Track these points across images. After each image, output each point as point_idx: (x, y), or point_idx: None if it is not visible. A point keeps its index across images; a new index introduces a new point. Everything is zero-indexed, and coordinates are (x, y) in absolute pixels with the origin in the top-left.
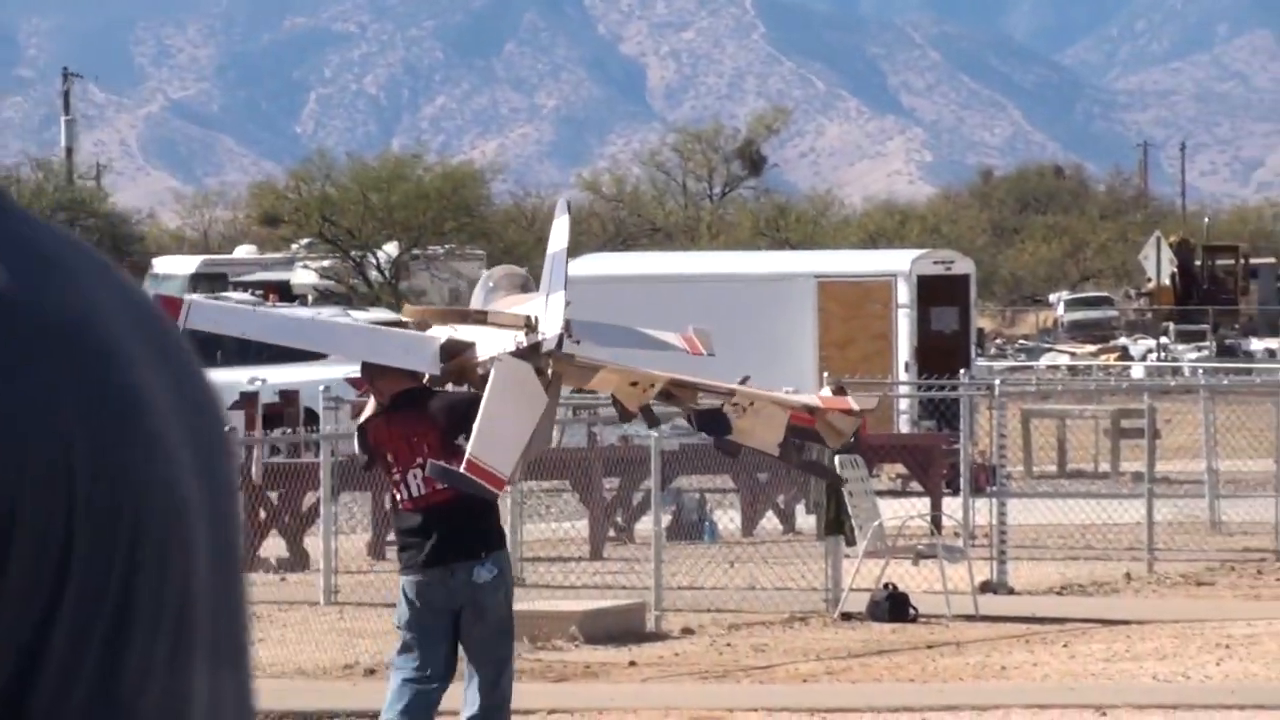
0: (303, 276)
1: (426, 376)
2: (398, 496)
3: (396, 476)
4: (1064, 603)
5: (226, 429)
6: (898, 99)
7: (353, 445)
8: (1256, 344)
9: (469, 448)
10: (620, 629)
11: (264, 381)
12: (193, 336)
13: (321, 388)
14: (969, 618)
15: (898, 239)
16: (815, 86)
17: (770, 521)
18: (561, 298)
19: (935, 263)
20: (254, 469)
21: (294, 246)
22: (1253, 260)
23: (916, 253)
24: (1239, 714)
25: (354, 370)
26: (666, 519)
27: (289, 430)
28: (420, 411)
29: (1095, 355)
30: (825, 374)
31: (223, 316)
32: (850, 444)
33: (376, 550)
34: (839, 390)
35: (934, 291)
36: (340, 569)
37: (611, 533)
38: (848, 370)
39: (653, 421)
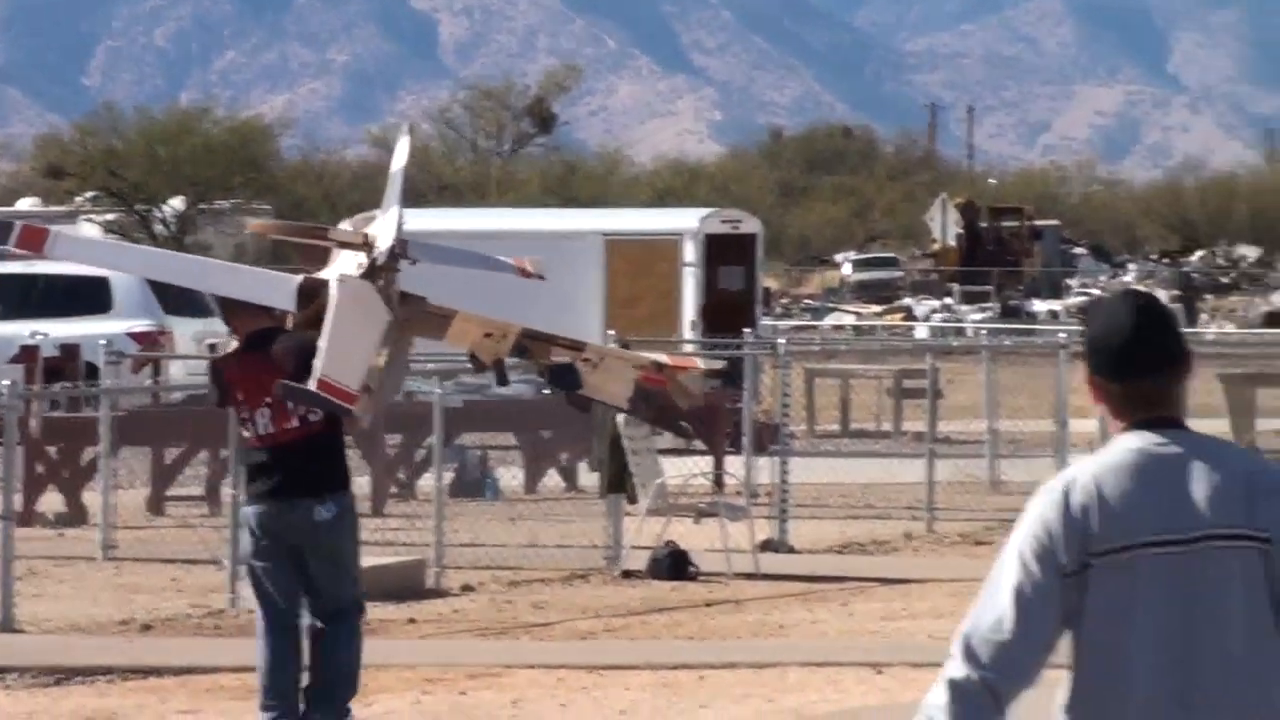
0: (87, 230)
1: (289, 320)
2: (245, 433)
3: (245, 414)
4: (844, 561)
5: None
6: (689, 58)
7: (133, 400)
8: (1039, 305)
9: (317, 367)
10: (400, 586)
11: (45, 335)
12: None
13: (102, 342)
14: (749, 576)
15: (686, 198)
16: (607, 45)
17: (552, 479)
18: (396, 214)
19: (723, 222)
20: (33, 423)
21: (78, 200)
22: (1037, 222)
23: (704, 212)
24: None
25: (135, 325)
26: (448, 476)
27: (69, 384)
28: (271, 351)
29: (880, 315)
30: (611, 332)
31: (86, 250)
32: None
33: (155, 506)
34: (624, 346)
35: (721, 250)
36: (118, 524)
37: (393, 489)
38: (634, 329)
39: (504, 379)
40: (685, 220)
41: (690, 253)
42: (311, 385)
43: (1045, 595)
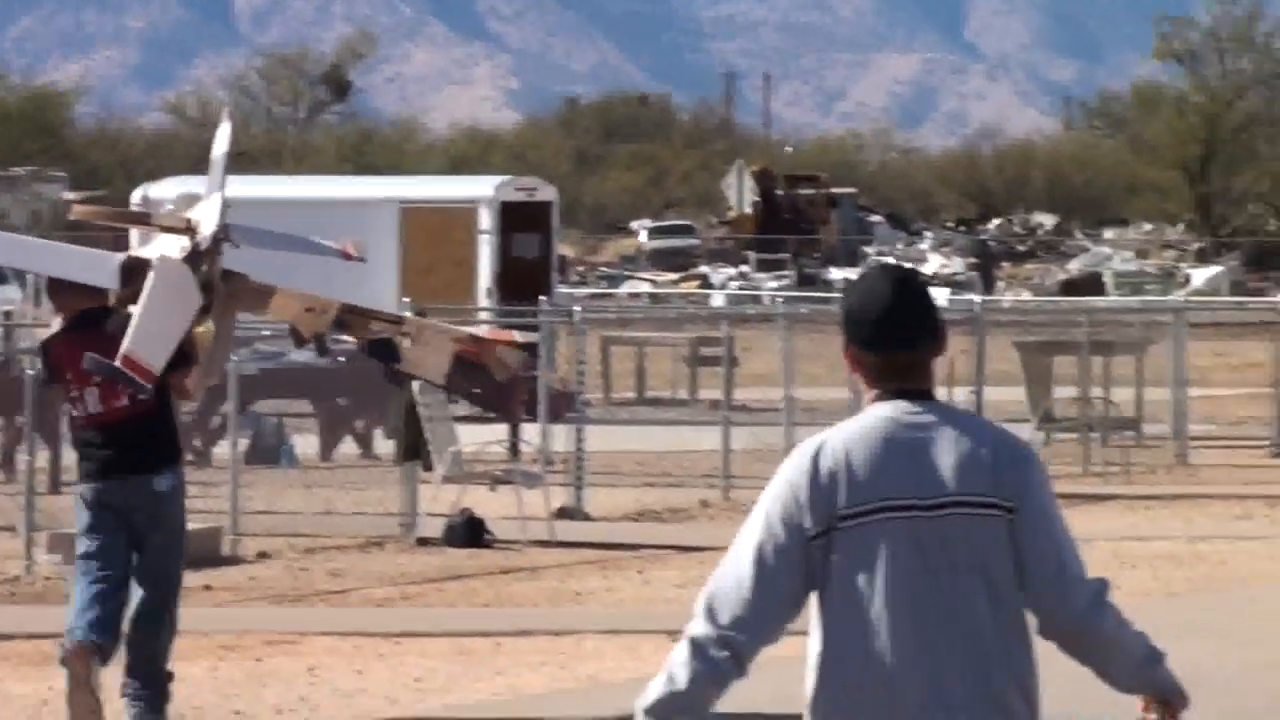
0: None
1: (112, 297)
2: (75, 412)
3: (75, 393)
4: (640, 529)
5: None
6: (485, 25)
7: None
8: (836, 273)
9: (124, 342)
10: (196, 553)
11: None
12: None
13: None
14: (545, 543)
15: (482, 166)
16: (402, 12)
17: (348, 446)
18: (219, 200)
19: (518, 190)
20: None
21: None
22: (834, 190)
23: (499, 179)
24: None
25: None
26: (244, 443)
27: None
28: (99, 331)
29: (676, 283)
30: (407, 300)
31: None
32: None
33: None
34: (420, 314)
35: (517, 218)
36: None
37: (189, 456)
38: (429, 296)
39: (324, 350)
40: (481, 188)
41: (486, 220)
42: (117, 361)
43: (787, 557)
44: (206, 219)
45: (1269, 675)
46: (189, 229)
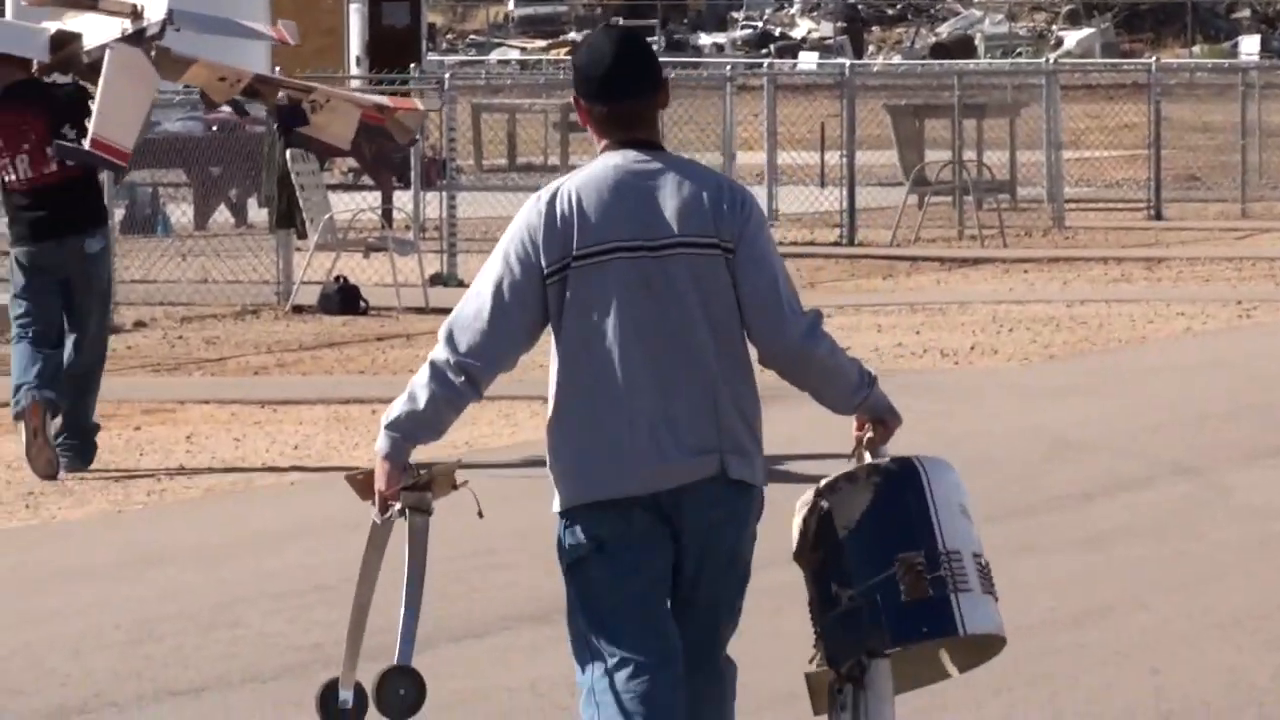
0: None
1: (35, 65)
2: (7, 178)
3: (5, 160)
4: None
5: None
6: None
7: None
8: (705, 39)
9: (91, 127)
10: None
11: None
12: None
13: None
14: (419, 310)
15: None
16: None
17: (223, 215)
18: None
19: None
20: None
21: None
22: None
23: None
24: None
25: None
26: (120, 213)
27: None
28: (28, 101)
29: (546, 50)
30: (278, 69)
31: None
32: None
33: None
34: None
35: None
36: None
37: None
38: (300, 65)
39: (241, 112)
40: None
41: None
42: (86, 144)
43: (522, 292)
44: (154, 5)
45: (1149, 437)
46: (135, 13)
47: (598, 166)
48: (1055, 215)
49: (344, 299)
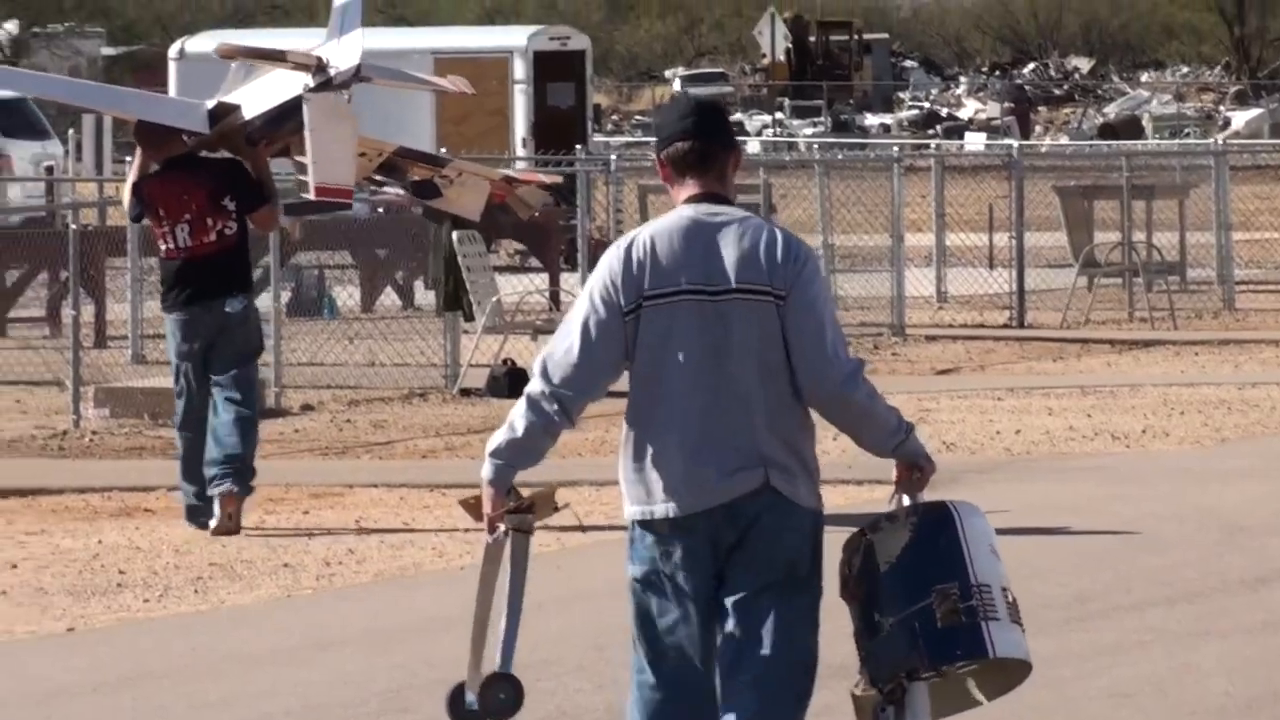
0: None
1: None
2: (164, 246)
3: (165, 229)
4: None
5: None
6: None
7: None
8: (871, 119)
9: (311, 178)
10: None
11: None
12: None
13: None
14: None
15: (514, 16)
16: None
17: (389, 298)
18: (359, 36)
19: (551, 39)
20: None
21: None
22: (866, 36)
23: (532, 29)
24: (855, 488)
25: None
26: (286, 295)
27: None
28: (189, 174)
29: None
30: (444, 150)
31: (22, 80)
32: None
33: None
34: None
35: (550, 68)
36: None
37: None
38: (465, 146)
39: (377, 188)
40: (514, 38)
41: (520, 70)
42: (311, 195)
43: (606, 328)
44: (344, 55)
45: None
46: (320, 66)
47: (672, 217)
48: (1226, 297)
49: (512, 382)
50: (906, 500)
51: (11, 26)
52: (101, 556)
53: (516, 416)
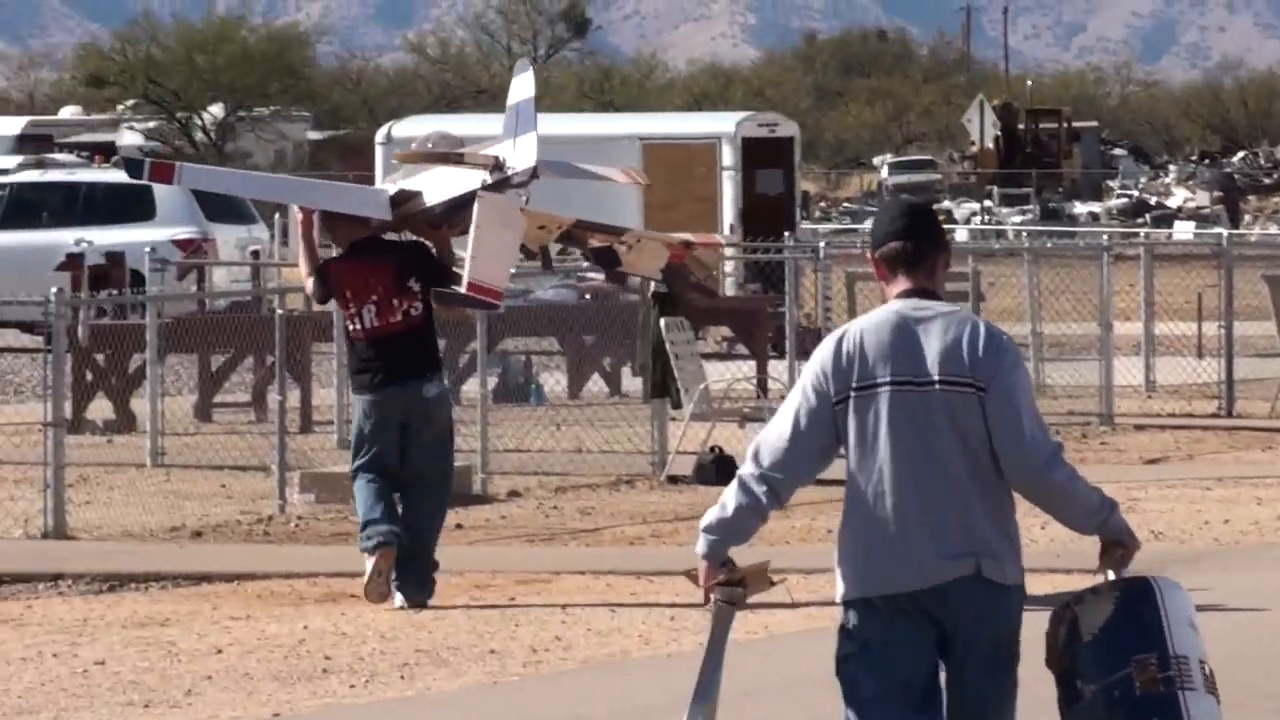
0: (128, 138)
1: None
2: (351, 328)
3: (352, 310)
4: None
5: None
6: None
7: (178, 306)
8: (1080, 207)
9: (466, 273)
10: None
11: (90, 243)
12: (22, 201)
13: (147, 249)
14: None
15: (722, 102)
16: None
17: (596, 384)
18: (533, 138)
19: (760, 125)
20: (80, 331)
21: (119, 108)
22: (1075, 124)
23: (741, 115)
24: (1064, 577)
25: (180, 232)
26: (492, 381)
27: (115, 292)
28: (375, 256)
29: None
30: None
31: (208, 177)
32: (676, 305)
33: (203, 412)
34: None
35: (758, 154)
36: (166, 431)
37: None
38: (673, 231)
39: (547, 263)
40: (722, 124)
41: (728, 156)
42: (463, 288)
43: (816, 417)
44: (520, 156)
45: None
46: (497, 165)
47: (882, 312)
48: None
49: (720, 469)
50: (1111, 575)
51: (217, 110)
52: (307, 642)
53: (728, 496)
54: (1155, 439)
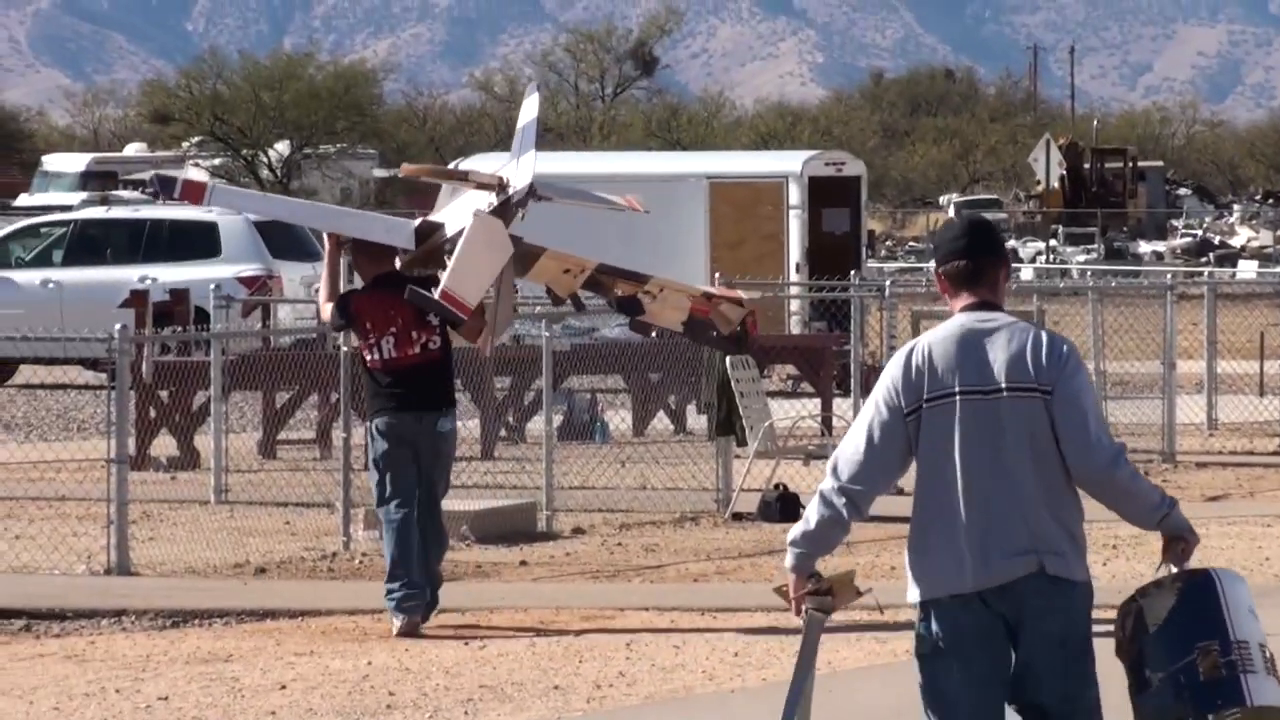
0: (194, 174)
1: (398, 262)
2: (368, 357)
3: (372, 340)
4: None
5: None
6: (790, 0)
7: (243, 343)
8: (1145, 246)
9: (444, 280)
10: (511, 529)
11: (154, 280)
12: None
13: (212, 286)
14: None
15: (789, 141)
16: None
17: (661, 422)
18: (532, 157)
19: (826, 164)
20: (144, 367)
21: (185, 145)
22: (1140, 163)
23: (808, 154)
24: None
25: (244, 269)
26: (558, 419)
27: (179, 328)
28: (396, 290)
29: None
30: (717, 275)
31: (238, 199)
32: (742, 343)
33: (267, 450)
34: (729, 286)
35: (825, 193)
36: (230, 468)
37: (503, 432)
38: (739, 270)
39: (580, 306)
40: (789, 163)
41: (795, 195)
42: (436, 294)
43: (890, 429)
44: (519, 175)
45: None
46: (501, 185)
47: (949, 325)
48: None
49: (784, 507)
50: (1173, 569)
51: (283, 147)
52: (371, 678)
53: (811, 511)
54: (1217, 476)
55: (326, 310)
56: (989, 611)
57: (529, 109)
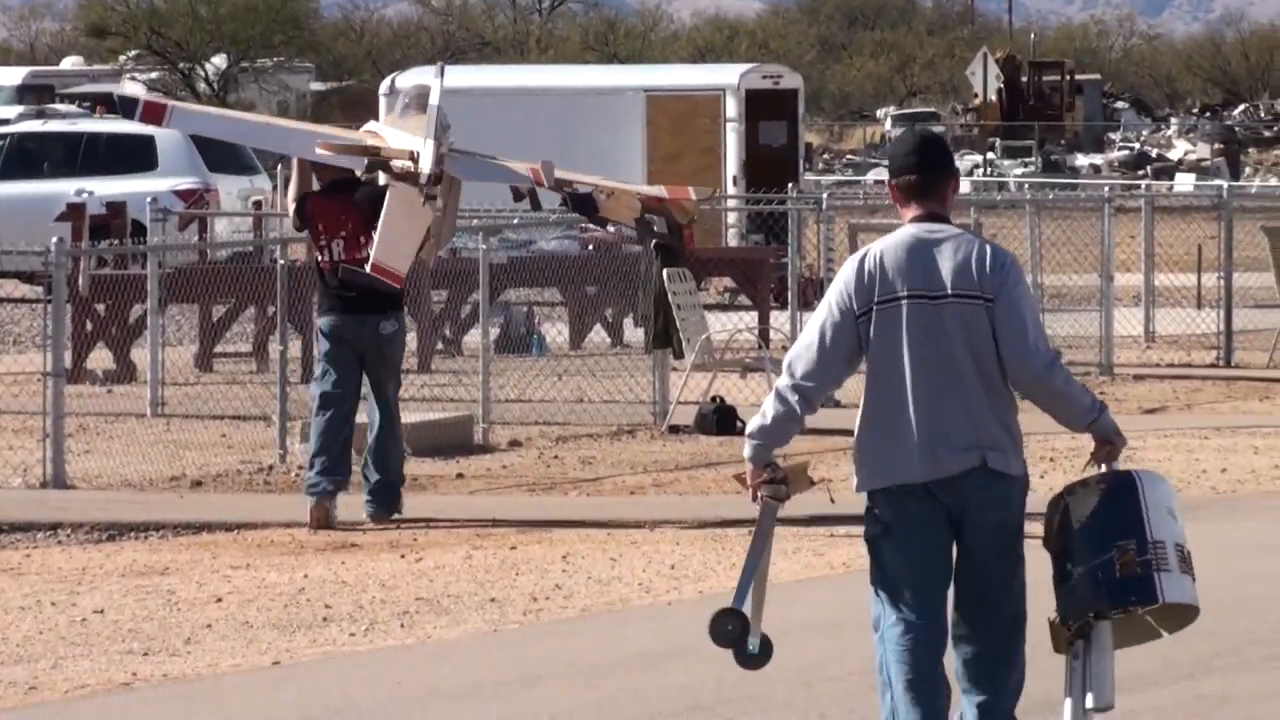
0: (130, 88)
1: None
2: (320, 258)
3: (323, 242)
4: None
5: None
6: None
7: (179, 257)
8: (1082, 160)
9: (373, 255)
10: (448, 442)
11: (91, 193)
12: (23, 152)
13: (149, 200)
14: None
15: (726, 54)
16: None
17: (598, 335)
18: (434, 146)
19: (764, 77)
20: (81, 280)
21: (121, 59)
22: (1078, 76)
23: (745, 67)
24: None
25: (181, 182)
26: (494, 332)
27: (116, 242)
28: (348, 196)
29: None
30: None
31: (198, 120)
32: (679, 255)
33: (204, 363)
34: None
35: (762, 106)
36: (167, 381)
37: (439, 345)
38: (676, 183)
39: (537, 204)
40: (726, 76)
41: (732, 108)
42: (368, 269)
43: (841, 330)
44: (424, 161)
45: None
46: (412, 158)
47: (899, 234)
48: None
49: (720, 419)
50: (1101, 469)
51: (220, 61)
52: (307, 590)
53: (767, 406)
54: (1154, 389)
55: (291, 209)
56: (934, 500)
57: (435, 92)
